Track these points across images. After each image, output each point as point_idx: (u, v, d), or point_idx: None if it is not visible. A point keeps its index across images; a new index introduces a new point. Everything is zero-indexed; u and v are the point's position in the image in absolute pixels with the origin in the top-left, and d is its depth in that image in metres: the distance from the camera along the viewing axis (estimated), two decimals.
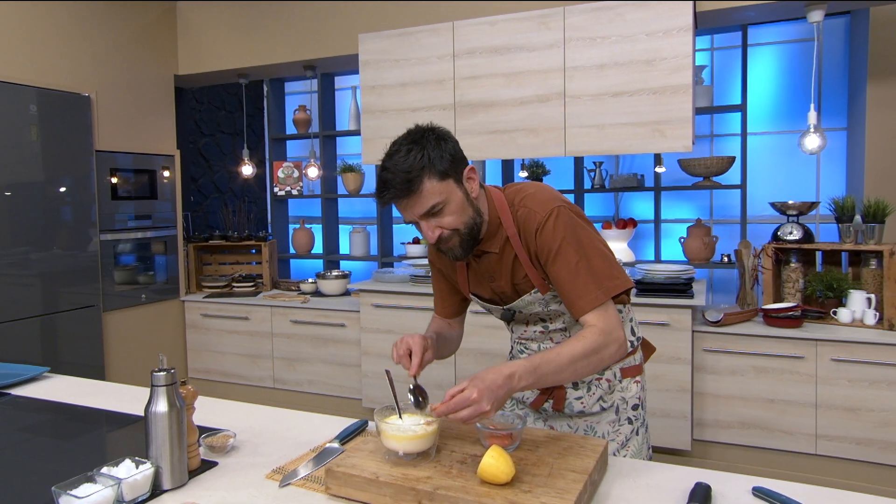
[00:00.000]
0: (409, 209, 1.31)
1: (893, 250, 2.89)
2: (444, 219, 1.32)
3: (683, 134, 2.96)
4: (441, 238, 1.34)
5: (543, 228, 1.35)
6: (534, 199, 1.39)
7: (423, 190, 1.27)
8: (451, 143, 1.33)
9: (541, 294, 1.43)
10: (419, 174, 1.27)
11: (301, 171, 4.97)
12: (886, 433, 2.78)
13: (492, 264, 1.44)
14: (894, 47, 3.55)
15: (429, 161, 1.27)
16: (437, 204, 1.29)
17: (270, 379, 4.04)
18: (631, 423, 1.53)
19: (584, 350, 1.28)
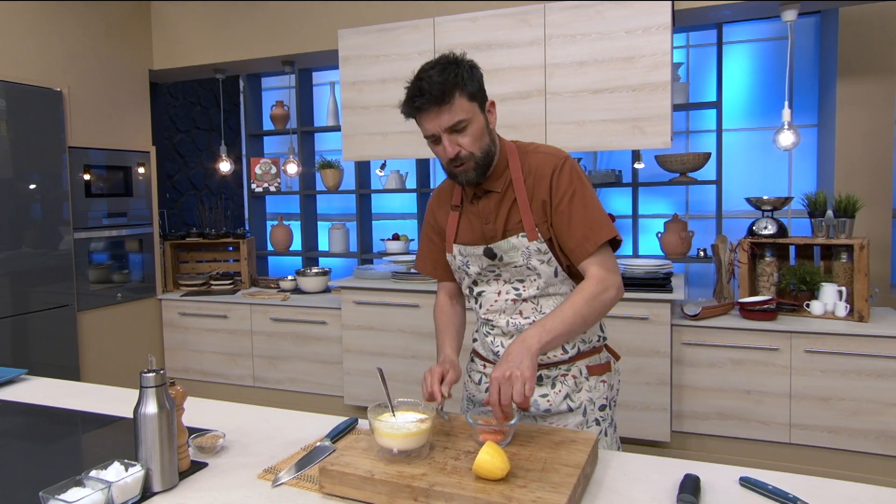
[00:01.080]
0: (436, 119, 1.37)
1: (863, 244, 2.97)
2: (465, 137, 1.39)
3: (662, 130, 3.00)
4: (459, 157, 1.40)
5: (562, 170, 1.44)
6: (546, 147, 1.51)
7: (454, 103, 1.35)
8: (480, 73, 1.44)
9: (527, 240, 1.45)
10: (453, 88, 1.35)
11: (279, 167, 4.93)
12: (857, 421, 2.86)
13: (490, 205, 1.49)
14: (863, 46, 3.64)
15: (462, 80, 1.36)
16: (463, 121, 1.37)
17: (250, 377, 4.00)
18: (599, 423, 1.54)
19: (583, 299, 1.37)
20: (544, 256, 1.46)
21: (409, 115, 1.42)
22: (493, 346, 1.56)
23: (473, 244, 1.53)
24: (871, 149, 3.70)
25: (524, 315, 1.51)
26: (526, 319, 1.50)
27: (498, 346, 1.55)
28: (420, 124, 1.42)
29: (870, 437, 2.86)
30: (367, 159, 3.70)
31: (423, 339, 3.48)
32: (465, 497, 1.06)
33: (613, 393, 1.59)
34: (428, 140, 1.44)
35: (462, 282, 1.61)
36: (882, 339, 2.81)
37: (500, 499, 1.04)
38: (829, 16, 3.83)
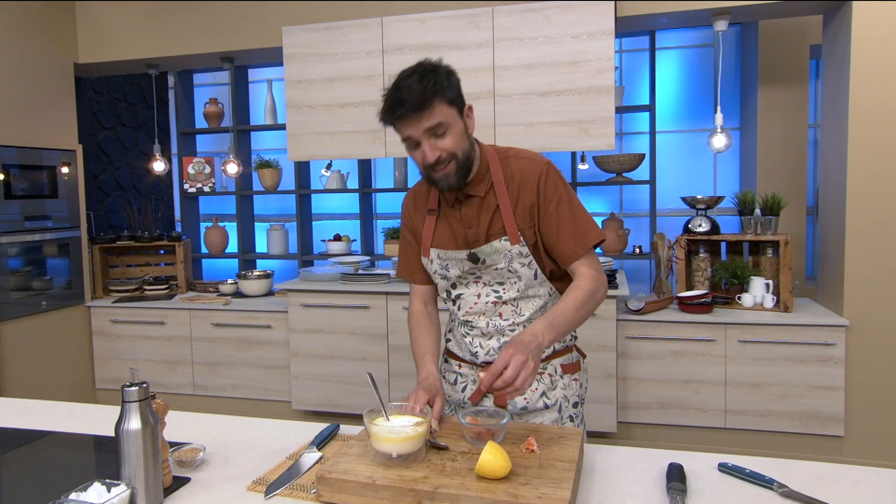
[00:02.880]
0: (416, 124, 1.38)
1: (787, 240, 3.19)
2: (444, 141, 1.40)
3: (607, 132, 3.11)
4: (439, 160, 1.41)
5: (548, 177, 1.47)
6: (526, 153, 1.53)
7: (434, 108, 1.37)
8: (457, 79, 1.45)
9: (509, 244, 1.47)
10: (433, 95, 1.36)
11: (213, 166, 4.76)
12: (784, 404, 3.08)
13: (472, 210, 1.50)
14: (781, 56, 3.91)
15: (441, 87, 1.37)
16: (443, 124, 1.38)
17: (190, 385, 3.85)
18: (573, 420, 1.59)
19: (583, 296, 1.42)
20: (525, 259, 1.49)
21: (388, 123, 1.42)
22: (471, 346, 1.57)
23: (455, 248, 1.53)
24: (788, 151, 3.98)
25: (504, 317, 1.53)
26: (506, 321, 1.53)
27: (477, 347, 1.56)
28: (398, 130, 1.42)
29: (794, 418, 3.09)
30: (313, 159, 3.63)
31: (373, 341, 3.46)
32: (471, 497, 1.08)
33: (583, 391, 1.64)
34: (406, 144, 1.44)
35: (438, 284, 1.62)
36: (804, 328, 3.04)
37: (507, 497, 1.07)
38: (749, 27, 4.09)
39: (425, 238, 1.58)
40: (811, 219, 4.30)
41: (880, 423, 3.04)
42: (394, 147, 3.41)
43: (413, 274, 1.67)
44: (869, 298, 2.99)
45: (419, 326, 1.65)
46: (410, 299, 1.71)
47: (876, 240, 2.96)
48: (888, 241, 2.95)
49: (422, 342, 1.62)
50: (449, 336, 1.68)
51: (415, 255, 1.65)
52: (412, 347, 1.64)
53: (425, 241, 1.58)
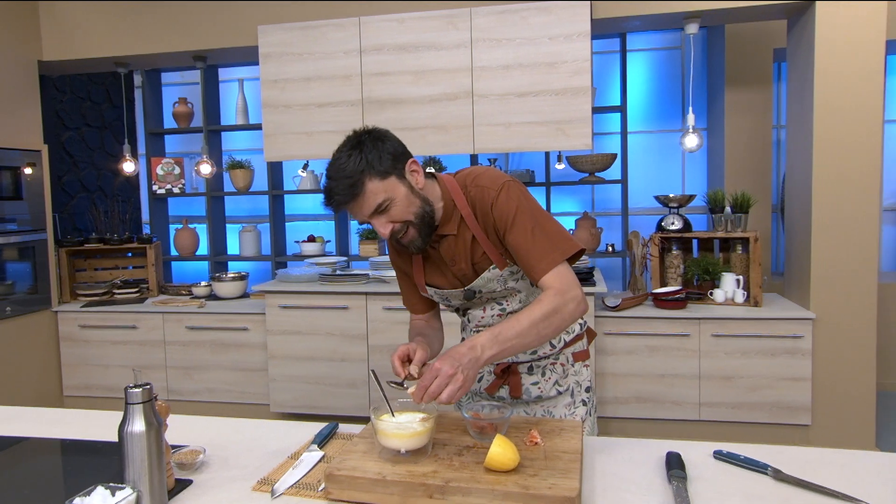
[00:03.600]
0: (358, 211, 1.36)
1: (757, 237, 3.30)
2: (392, 213, 1.37)
3: (584, 133, 3.17)
4: (394, 231, 1.39)
5: (497, 201, 1.41)
6: (484, 177, 1.46)
7: (365, 191, 1.32)
8: (390, 142, 1.38)
9: (499, 270, 1.48)
10: (360, 177, 1.32)
11: (183, 167, 4.67)
12: (755, 396, 3.18)
13: (451, 247, 1.49)
14: (746, 59, 4.03)
15: (367, 164, 1.32)
16: (383, 202, 1.34)
17: (164, 391, 3.77)
18: (585, 404, 1.64)
19: (542, 312, 1.32)
20: (517, 275, 1.50)
21: (333, 211, 1.39)
22: None
23: (449, 287, 1.54)
24: (753, 151, 4.12)
25: None
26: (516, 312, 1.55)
27: None
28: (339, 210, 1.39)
29: (765, 408, 3.19)
30: (290, 159, 3.60)
31: (353, 342, 3.44)
32: (482, 490, 1.09)
33: (593, 376, 1.68)
34: None
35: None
36: (773, 322, 3.15)
37: (517, 489, 1.08)
38: (716, 31, 4.21)
39: (417, 279, 1.58)
40: (776, 217, 4.45)
41: (845, 412, 3.16)
42: None
43: (413, 305, 1.68)
44: (834, 292, 3.11)
45: (413, 330, 1.66)
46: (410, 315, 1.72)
47: (840, 236, 3.08)
48: (852, 238, 3.07)
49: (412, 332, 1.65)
50: (463, 335, 1.70)
51: (409, 289, 1.66)
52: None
53: (418, 280, 1.58)
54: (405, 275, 1.64)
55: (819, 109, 3.03)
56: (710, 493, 1.17)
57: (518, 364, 1.59)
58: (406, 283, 1.66)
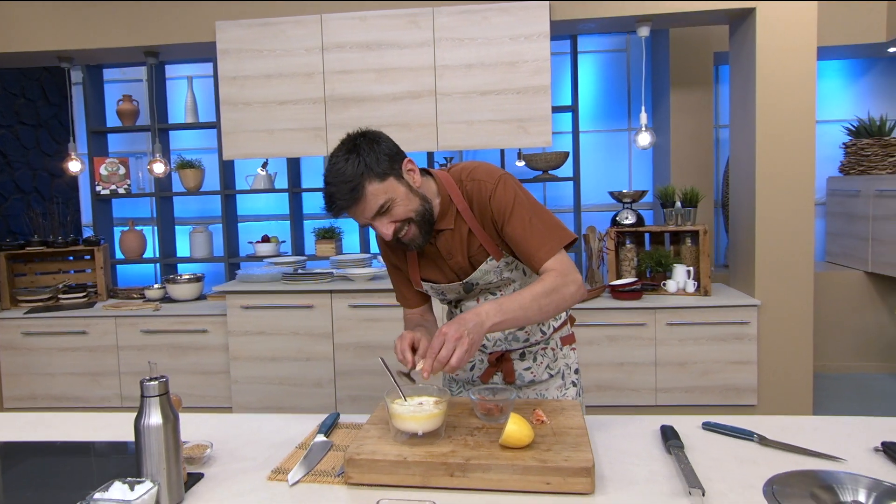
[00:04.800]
0: (360, 214, 1.38)
1: (706, 230, 3.49)
2: (394, 214, 1.39)
3: (544, 130, 3.27)
4: (396, 231, 1.41)
5: (495, 194, 1.45)
6: (479, 171, 1.50)
7: (366, 194, 1.34)
8: (385, 143, 1.40)
9: (495, 262, 1.52)
10: (360, 181, 1.33)
11: (128, 167, 4.50)
12: (706, 380, 3.36)
13: (448, 241, 1.52)
14: (690, 62, 4.25)
15: (366, 166, 1.34)
16: (384, 203, 1.37)
17: (117, 398, 3.64)
18: (575, 385, 1.71)
19: (543, 289, 1.36)
20: (512, 265, 1.55)
21: (334, 216, 1.41)
22: None
23: (446, 282, 1.57)
24: (697, 149, 4.34)
25: None
26: None
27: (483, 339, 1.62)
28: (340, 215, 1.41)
29: (715, 391, 3.38)
30: (250, 157, 3.54)
31: (318, 340, 3.42)
32: (502, 466, 1.14)
33: (577, 357, 1.76)
34: None
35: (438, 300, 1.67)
36: (722, 309, 3.34)
37: (536, 462, 1.14)
38: (660, 35, 4.41)
39: (412, 274, 1.60)
40: (717, 212, 4.70)
41: (786, 393, 3.39)
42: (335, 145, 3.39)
43: (407, 300, 1.70)
44: (777, 280, 3.33)
45: (410, 323, 1.69)
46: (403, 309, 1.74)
47: (782, 228, 3.30)
48: (791, 230, 3.30)
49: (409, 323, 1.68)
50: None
51: (402, 284, 1.68)
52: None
53: (413, 276, 1.60)
54: (398, 270, 1.66)
55: (760, 110, 3.24)
56: (706, 459, 1.26)
57: (510, 352, 1.65)
58: (399, 278, 1.67)
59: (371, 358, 3.41)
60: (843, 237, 4.50)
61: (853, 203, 4.37)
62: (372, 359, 3.41)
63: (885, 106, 4.74)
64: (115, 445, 1.46)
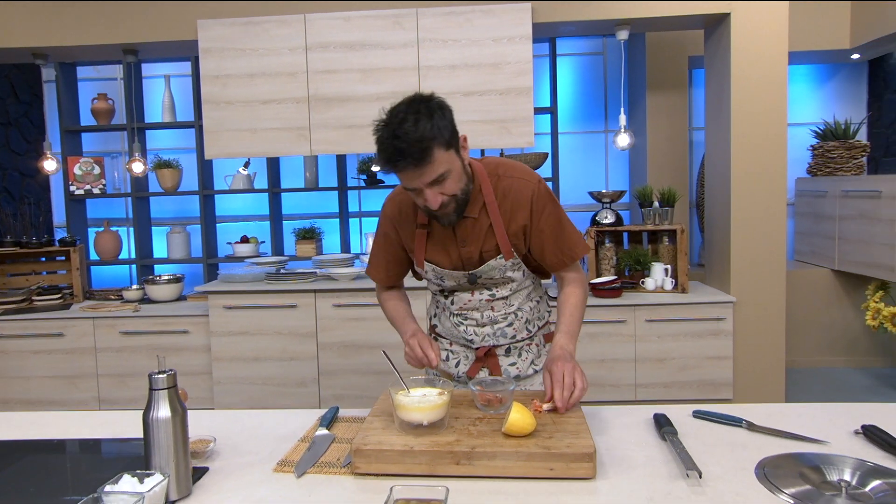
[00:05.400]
0: (418, 178, 1.34)
1: (683, 229, 3.58)
2: (446, 186, 1.38)
3: (527, 131, 3.32)
4: (442, 203, 1.40)
5: (539, 193, 1.53)
6: (517, 170, 1.55)
7: (434, 160, 1.32)
8: (450, 113, 1.38)
9: (504, 260, 1.55)
10: (430, 144, 1.30)
11: (102, 167, 4.43)
12: (684, 375, 3.45)
13: (467, 229, 1.53)
14: (666, 66, 4.36)
15: (438, 131, 1.31)
16: (445, 173, 1.35)
17: (95, 400, 3.58)
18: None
19: (581, 300, 1.61)
20: (517, 266, 1.59)
21: (386, 172, 1.39)
22: (465, 333, 1.65)
23: (450, 268, 1.58)
24: (673, 151, 4.44)
25: (496, 310, 1.64)
26: (498, 312, 1.63)
27: (472, 335, 1.65)
28: (398, 177, 1.38)
29: (693, 386, 3.46)
30: (232, 157, 3.52)
31: (302, 340, 3.42)
32: (507, 453, 1.17)
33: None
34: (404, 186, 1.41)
35: (430, 285, 1.69)
36: (699, 306, 3.42)
37: (539, 449, 1.17)
38: (636, 39, 4.51)
39: (418, 252, 1.60)
40: (692, 212, 4.82)
41: (760, 387, 3.49)
42: (319, 144, 3.40)
43: (388, 278, 1.71)
44: (751, 278, 3.44)
45: (391, 299, 1.72)
46: (377, 289, 1.76)
47: (756, 227, 3.41)
48: (765, 229, 3.40)
49: (398, 309, 1.70)
50: (435, 321, 1.75)
51: (397, 262, 1.68)
52: (389, 315, 1.70)
53: (418, 255, 1.60)
54: (391, 244, 1.65)
55: (735, 113, 3.34)
56: (699, 445, 1.31)
57: (496, 347, 1.68)
58: (386, 251, 1.67)
59: (355, 357, 3.42)
60: (811, 236, 4.65)
61: (820, 203, 4.52)
62: (356, 358, 3.42)
63: (850, 110, 4.92)
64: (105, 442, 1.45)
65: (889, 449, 1.25)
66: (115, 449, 1.43)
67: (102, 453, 1.42)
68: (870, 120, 4.87)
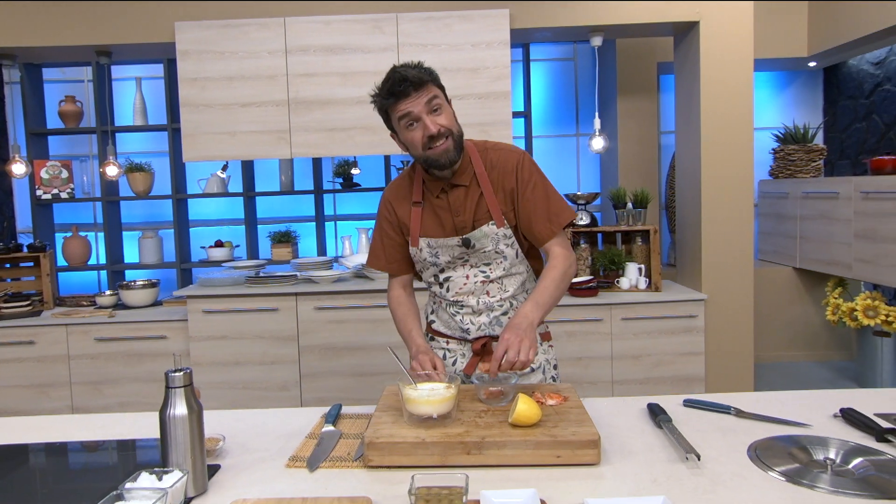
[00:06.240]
0: (417, 100, 1.52)
1: (656, 229, 3.69)
2: (441, 117, 1.56)
3: (506, 135, 3.39)
4: (440, 133, 1.54)
5: (523, 164, 1.65)
6: (503, 144, 1.71)
7: (431, 86, 1.55)
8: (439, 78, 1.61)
9: (496, 227, 1.62)
10: (427, 78, 1.55)
11: (70, 170, 4.34)
12: (659, 371, 3.55)
13: (460, 197, 1.63)
14: (635, 71, 4.49)
15: (432, 75, 1.57)
16: (438, 99, 1.55)
17: (68, 409, 3.50)
18: (555, 380, 1.80)
19: (559, 274, 1.61)
20: (509, 240, 1.65)
21: (387, 101, 1.55)
22: (462, 323, 1.70)
23: (445, 236, 1.65)
24: (643, 154, 4.58)
25: (491, 294, 1.68)
26: (493, 298, 1.68)
27: (468, 324, 1.69)
28: (396, 111, 1.55)
29: (667, 382, 3.57)
30: (211, 160, 3.50)
31: (283, 343, 3.41)
32: (516, 442, 1.22)
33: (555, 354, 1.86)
34: (403, 122, 1.55)
35: (425, 271, 1.72)
36: (672, 304, 3.54)
37: (547, 438, 1.23)
38: (607, 45, 4.63)
39: (413, 228, 1.67)
40: (662, 213, 4.96)
41: (731, 380, 3.63)
42: (300, 147, 3.40)
43: (391, 264, 1.76)
44: (722, 276, 3.57)
45: (402, 307, 1.75)
46: (390, 285, 1.79)
47: (726, 227, 3.54)
48: (735, 229, 3.54)
49: (407, 320, 1.72)
50: (432, 317, 1.79)
51: (394, 247, 1.74)
52: (398, 325, 1.73)
53: (413, 231, 1.67)
54: (392, 230, 1.73)
55: (705, 117, 3.46)
56: (692, 431, 1.38)
57: (492, 340, 1.71)
58: (389, 242, 1.74)
59: (337, 360, 3.42)
60: (774, 236, 4.84)
61: (782, 204, 4.71)
62: (338, 360, 3.43)
63: (808, 114, 5.14)
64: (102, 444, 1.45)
65: (866, 430, 1.34)
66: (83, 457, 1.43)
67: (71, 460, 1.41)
68: (826, 125, 5.10)
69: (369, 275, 3.55)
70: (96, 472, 1.35)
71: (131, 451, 1.42)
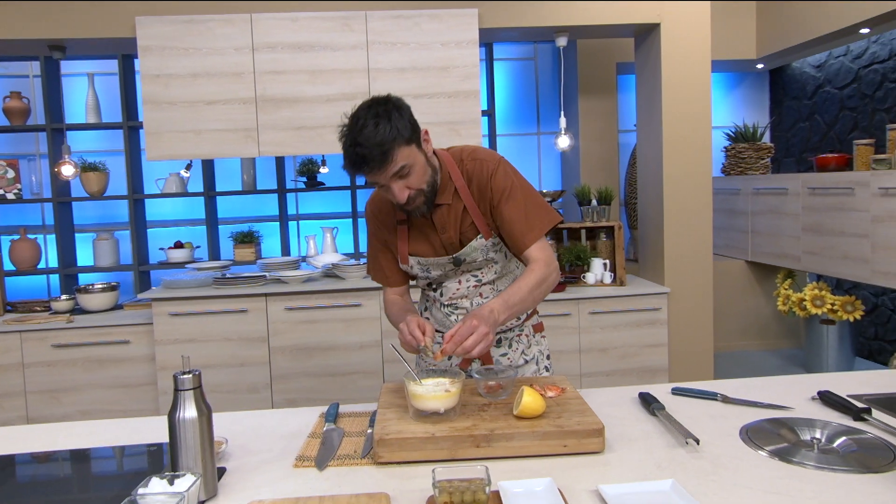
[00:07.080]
0: (382, 174, 1.43)
1: (619, 225, 3.79)
2: (410, 180, 1.46)
3: (475, 133, 3.42)
4: (409, 198, 1.48)
5: (496, 174, 1.57)
6: (480, 152, 1.63)
7: (395, 157, 1.41)
8: (408, 111, 1.47)
9: (484, 240, 1.61)
10: (391, 145, 1.39)
11: (17, 170, 4.15)
12: (625, 363, 3.66)
13: (444, 216, 1.60)
14: (596, 71, 4.59)
15: (397, 132, 1.40)
16: (405, 167, 1.43)
17: (22, 419, 3.35)
18: (548, 370, 1.85)
19: (536, 280, 1.52)
20: (498, 247, 1.65)
21: (351, 170, 1.45)
22: (456, 323, 1.71)
23: (434, 255, 1.63)
24: (603, 152, 4.69)
25: (485, 296, 1.69)
26: (486, 299, 1.69)
27: None
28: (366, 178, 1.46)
29: (633, 373, 3.68)
30: (176, 158, 3.39)
31: (253, 345, 3.35)
32: (524, 434, 1.25)
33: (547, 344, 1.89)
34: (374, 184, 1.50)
35: (419, 280, 1.73)
36: (637, 297, 3.64)
37: (553, 428, 1.26)
38: (568, 45, 4.72)
39: (401, 248, 1.66)
40: (622, 209, 5.09)
41: (692, 371, 3.76)
42: (267, 146, 3.35)
43: (387, 278, 1.75)
44: (683, 270, 3.69)
45: (394, 306, 1.74)
46: (385, 291, 1.78)
47: (687, 222, 3.66)
48: (696, 224, 3.67)
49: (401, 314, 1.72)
50: (426, 315, 1.79)
51: (387, 261, 1.73)
52: (394, 320, 1.71)
53: (401, 251, 1.66)
54: (385, 247, 1.71)
55: (666, 116, 3.58)
56: (683, 418, 1.44)
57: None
58: (385, 255, 1.72)
59: (308, 360, 3.39)
60: (727, 231, 5.04)
61: (734, 200, 4.91)
62: (309, 361, 3.39)
63: (756, 114, 5.37)
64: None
65: (844, 410, 1.43)
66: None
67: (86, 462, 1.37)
68: (772, 124, 5.34)
69: (340, 274, 3.52)
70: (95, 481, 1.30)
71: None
